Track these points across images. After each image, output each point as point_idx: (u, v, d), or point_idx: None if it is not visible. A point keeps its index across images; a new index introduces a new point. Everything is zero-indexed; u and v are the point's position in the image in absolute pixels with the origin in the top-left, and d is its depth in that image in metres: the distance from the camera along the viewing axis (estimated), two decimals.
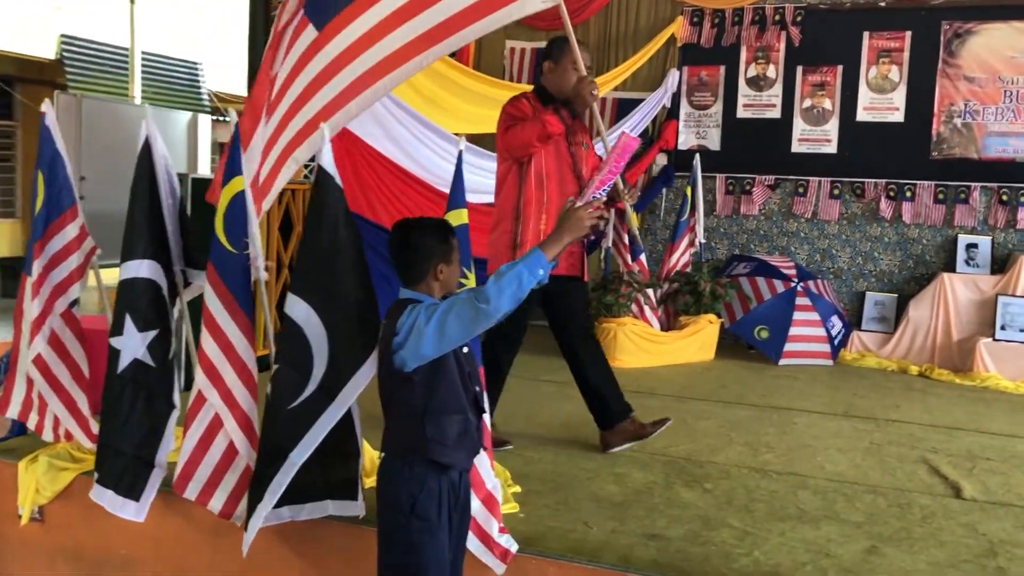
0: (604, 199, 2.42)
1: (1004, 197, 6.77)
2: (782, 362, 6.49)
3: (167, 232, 3.27)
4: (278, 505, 2.83)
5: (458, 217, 2.80)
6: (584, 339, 4.19)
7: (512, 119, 3.92)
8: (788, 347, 6.52)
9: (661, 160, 7.42)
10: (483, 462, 2.87)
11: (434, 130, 6.09)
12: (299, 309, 2.67)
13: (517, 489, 3.53)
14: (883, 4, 6.97)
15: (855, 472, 4.02)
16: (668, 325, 6.76)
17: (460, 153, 3.02)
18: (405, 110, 5.89)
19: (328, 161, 2.80)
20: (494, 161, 6.52)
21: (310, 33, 3.26)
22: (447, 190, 6.33)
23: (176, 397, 3.15)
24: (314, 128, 3.11)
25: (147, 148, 3.22)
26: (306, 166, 8.08)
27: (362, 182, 5.87)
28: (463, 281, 2.74)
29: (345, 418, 2.80)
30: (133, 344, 3.04)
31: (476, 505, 2.83)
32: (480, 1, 3.02)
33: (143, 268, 3.09)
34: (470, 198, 6.48)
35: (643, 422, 4.10)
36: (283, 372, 2.69)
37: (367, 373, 2.63)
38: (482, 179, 6.37)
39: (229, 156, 3.12)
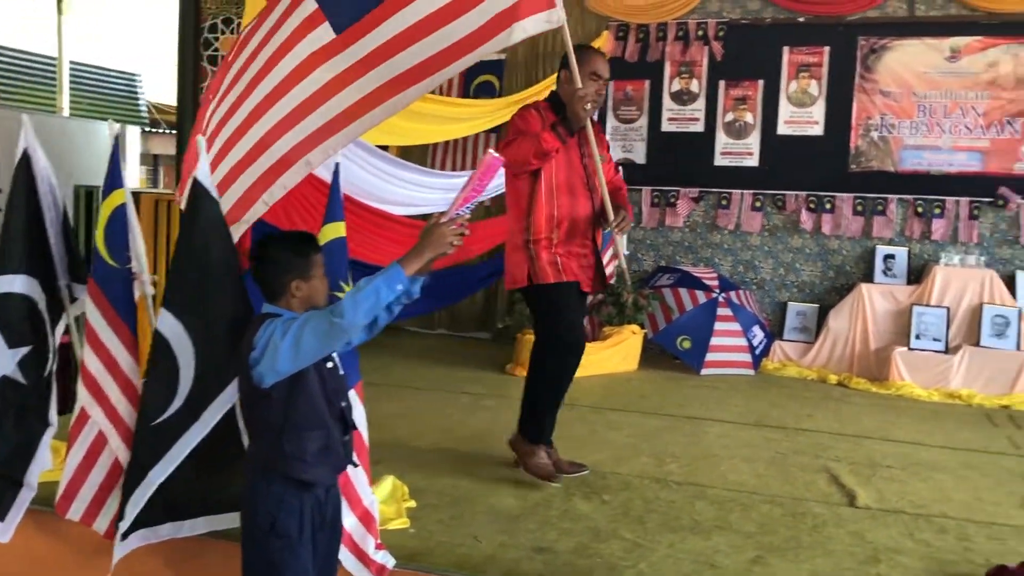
0: (468, 216, 2.41)
1: (919, 209, 6.92)
2: (704, 372, 6.55)
3: (49, 246, 3.20)
4: (158, 522, 2.77)
5: (334, 231, 2.77)
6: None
7: (515, 132, 3.79)
8: (710, 357, 6.59)
9: None
10: (360, 479, 2.85)
11: (355, 143, 6.05)
12: (168, 324, 2.62)
13: (412, 504, 3.51)
14: (802, 20, 7.10)
15: (756, 482, 4.05)
16: (592, 336, 6.79)
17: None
18: None
19: (203, 173, 2.76)
20: (418, 173, 6.56)
21: (325, 32, 3.09)
22: (368, 202, 6.30)
23: (52, 415, 3.07)
24: (331, 132, 3.07)
25: (26, 159, 3.15)
26: None
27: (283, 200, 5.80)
28: (339, 295, 2.72)
29: (231, 431, 2.76)
30: (3, 361, 2.96)
31: (352, 522, 2.80)
32: (473, 32, 3.01)
33: (16, 283, 3.02)
34: (396, 211, 6.47)
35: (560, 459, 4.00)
36: (149, 387, 2.64)
37: (234, 393, 2.59)
38: (409, 192, 6.37)
39: (110, 169, 3.07)
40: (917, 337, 6.46)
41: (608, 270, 6.96)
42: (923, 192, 6.91)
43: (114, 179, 3.02)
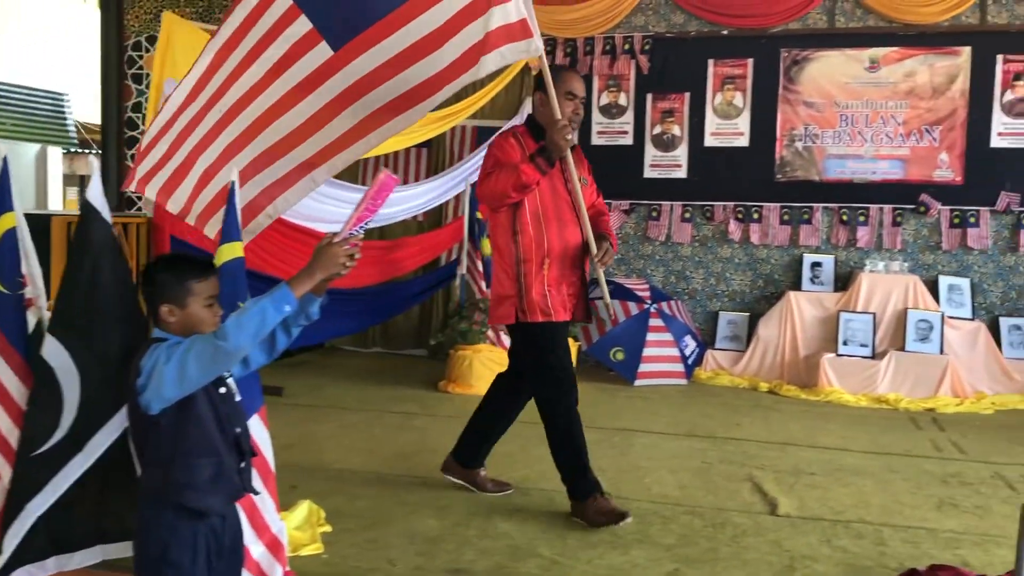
0: (361, 236, 2.36)
1: (844, 217, 7.05)
2: (638, 383, 6.56)
3: None
4: (43, 555, 2.66)
5: (231, 251, 2.69)
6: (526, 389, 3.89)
7: (494, 164, 3.60)
8: (643, 368, 6.61)
9: None
10: (267, 506, 2.78)
11: None
12: (52, 350, 2.53)
13: (327, 528, 3.43)
14: (725, 33, 7.19)
15: (679, 493, 4.06)
16: None
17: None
18: None
19: (95, 194, 2.67)
20: (347, 190, 6.48)
21: (323, 51, 3.02)
22: (296, 221, 6.19)
23: None
24: (339, 149, 3.04)
25: None
26: (139, 197, 7.84)
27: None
28: None
29: (125, 459, 2.66)
30: None
31: (260, 550, 2.73)
32: (456, 61, 2.98)
33: None
34: (327, 229, 6.38)
35: (493, 479, 4.01)
36: (31, 417, 2.54)
37: (122, 422, 2.50)
38: (340, 210, 6.28)
39: None
40: (844, 343, 6.56)
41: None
42: (847, 200, 7.03)
43: (2, 202, 2.91)
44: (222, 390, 2.34)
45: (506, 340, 6.44)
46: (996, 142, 6.80)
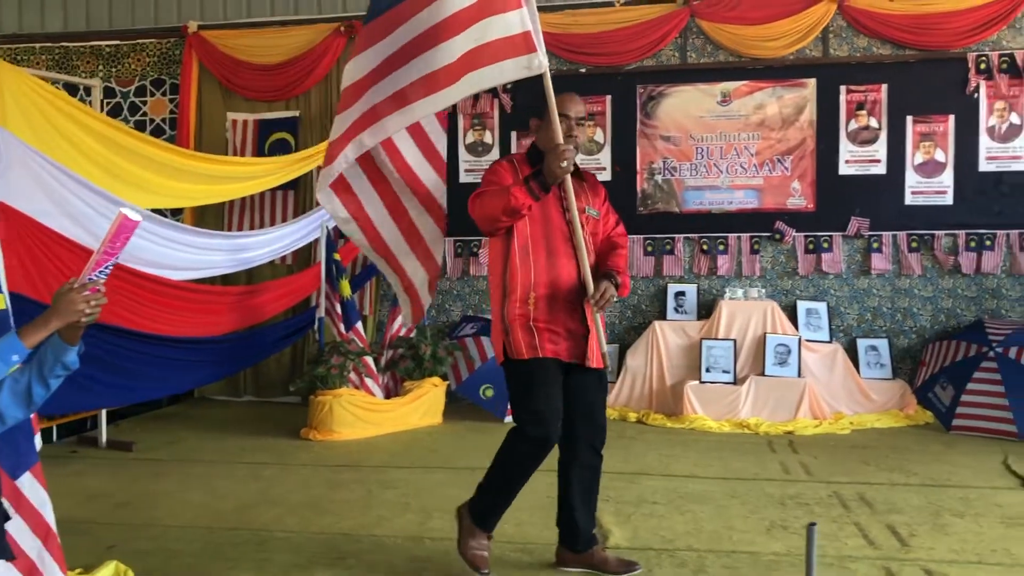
0: (102, 281, 2.27)
1: (704, 247, 7.20)
2: (508, 419, 6.51)
3: None
4: None
5: None
6: (584, 455, 3.58)
7: (486, 185, 3.39)
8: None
9: None
10: (50, 569, 2.64)
11: (120, 205, 5.79)
12: None
13: None
14: (584, 71, 7.33)
15: (514, 530, 4.01)
16: (396, 391, 6.68)
17: None
18: (82, 184, 5.58)
19: None
20: (186, 233, 6.32)
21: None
22: (144, 269, 6.02)
23: None
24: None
25: None
26: None
27: (38, 264, 5.48)
28: None
29: None
30: None
31: None
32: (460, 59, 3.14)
33: None
34: (174, 275, 6.20)
35: (609, 557, 3.59)
36: None
37: None
38: (189, 256, 6.12)
39: None
40: (707, 370, 6.66)
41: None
42: (707, 230, 7.19)
43: None
44: None
45: (370, 383, 6.37)
46: (844, 169, 7.05)
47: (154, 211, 6.63)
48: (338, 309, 6.34)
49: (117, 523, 4.18)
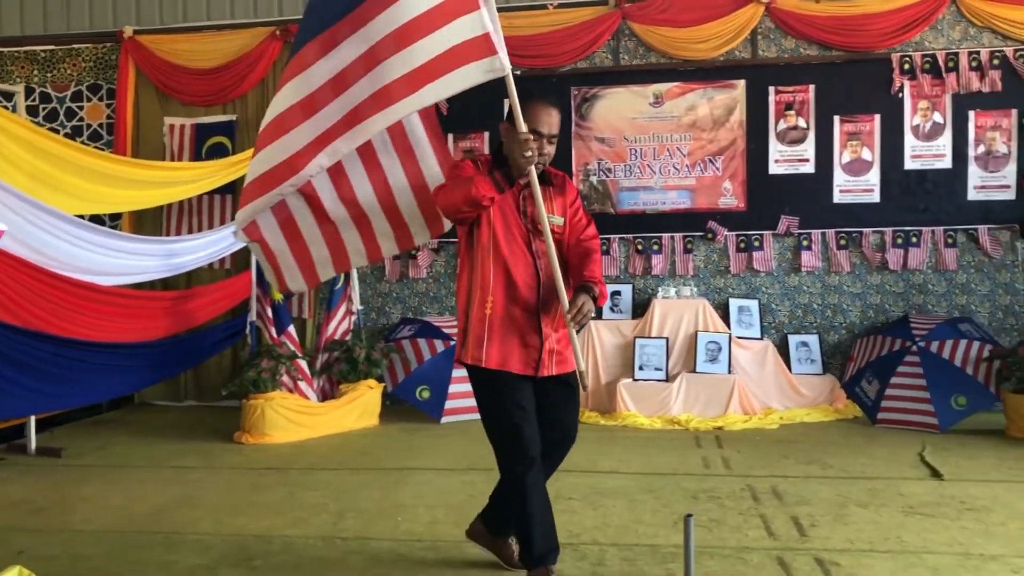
0: None
1: (639, 247, 7.29)
2: (444, 420, 6.59)
3: None
4: None
5: None
6: (550, 466, 3.50)
7: (450, 175, 3.35)
8: (449, 404, 6.64)
9: None
10: None
11: (48, 212, 5.77)
12: None
13: None
14: (518, 73, 7.39)
15: (424, 530, 4.06)
16: (332, 394, 6.71)
17: None
18: (8, 191, 5.55)
19: None
20: (117, 239, 6.31)
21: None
22: (74, 275, 6.00)
23: None
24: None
25: None
26: None
27: None
28: None
29: None
30: None
31: None
32: (430, 63, 3.09)
33: None
34: (106, 281, 6.18)
35: (515, 551, 3.58)
36: None
37: None
38: (121, 261, 6.12)
39: None
40: (640, 368, 6.76)
41: (342, 327, 6.93)
42: (642, 231, 7.29)
43: None
44: None
45: (304, 386, 6.40)
46: (774, 168, 7.17)
47: (91, 218, 6.64)
48: (269, 313, 6.35)
49: (31, 528, 4.19)
